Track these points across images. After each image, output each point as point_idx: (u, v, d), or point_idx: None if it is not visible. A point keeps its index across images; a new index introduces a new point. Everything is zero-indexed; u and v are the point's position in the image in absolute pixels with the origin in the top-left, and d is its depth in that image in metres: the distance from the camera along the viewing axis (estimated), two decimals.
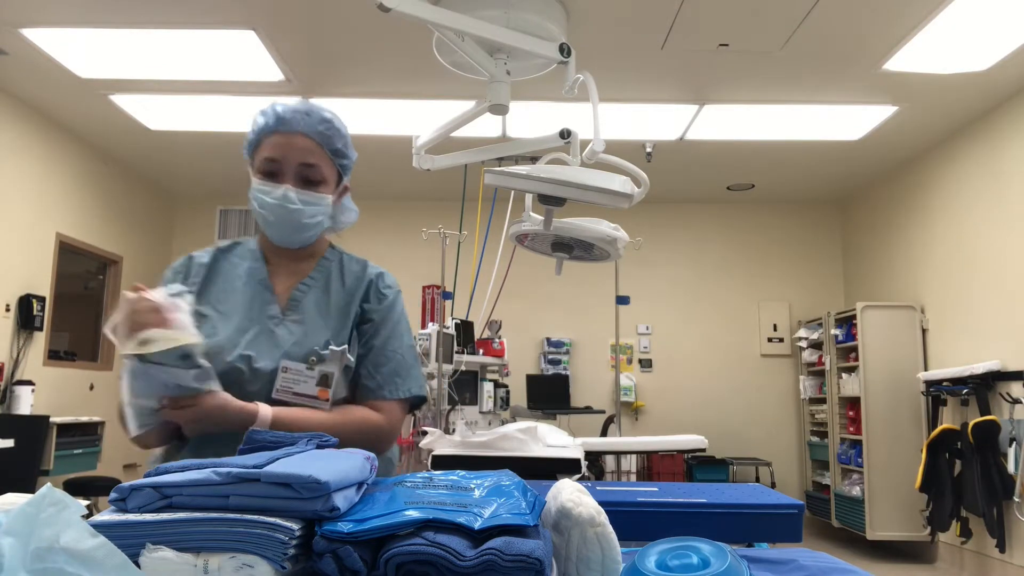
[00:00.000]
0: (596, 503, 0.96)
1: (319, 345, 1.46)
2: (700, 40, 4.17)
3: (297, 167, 1.48)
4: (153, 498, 0.83)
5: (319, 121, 1.50)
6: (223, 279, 1.54)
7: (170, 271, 1.55)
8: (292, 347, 1.46)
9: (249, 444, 1.07)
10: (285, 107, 1.50)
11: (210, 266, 1.55)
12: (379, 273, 1.62)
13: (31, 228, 5.33)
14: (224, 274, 1.55)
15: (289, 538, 0.80)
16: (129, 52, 4.36)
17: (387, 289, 1.59)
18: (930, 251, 5.85)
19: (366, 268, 1.62)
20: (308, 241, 1.55)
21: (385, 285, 1.59)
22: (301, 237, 1.53)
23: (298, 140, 1.48)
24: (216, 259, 1.57)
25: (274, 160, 1.48)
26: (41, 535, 0.73)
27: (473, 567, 0.79)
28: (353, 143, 1.61)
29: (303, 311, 1.51)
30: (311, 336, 1.48)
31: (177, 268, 1.55)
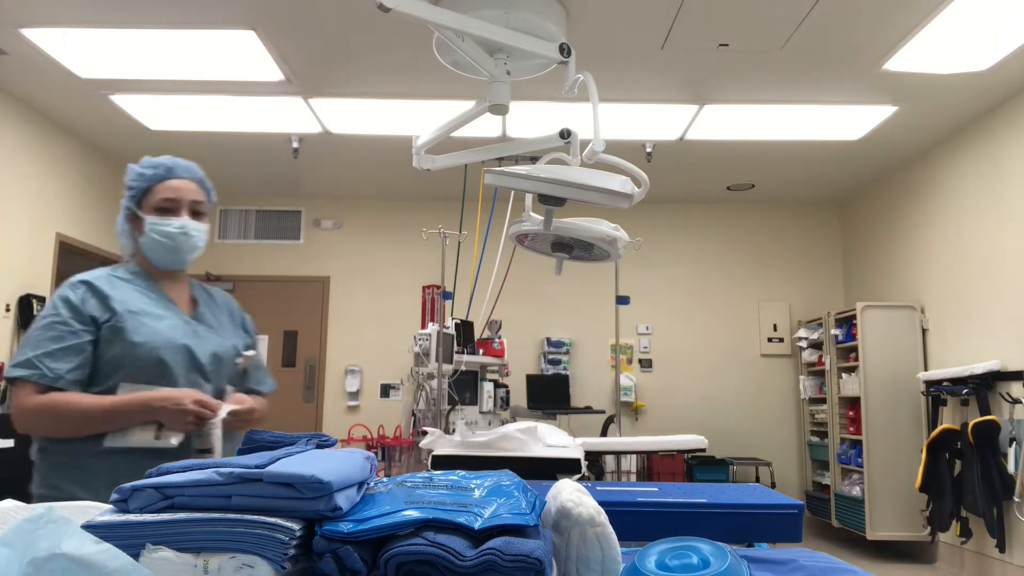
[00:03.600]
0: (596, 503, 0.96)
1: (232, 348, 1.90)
2: (700, 40, 4.17)
3: (190, 203, 1.88)
4: (155, 499, 0.83)
5: (196, 171, 1.94)
6: (129, 292, 1.83)
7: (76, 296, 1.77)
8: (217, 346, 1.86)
9: (248, 444, 1.08)
10: (170, 160, 1.91)
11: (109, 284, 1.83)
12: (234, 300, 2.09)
13: (31, 228, 5.33)
14: (126, 289, 1.84)
15: (289, 538, 0.80)
16: (129, 52, 4.36)
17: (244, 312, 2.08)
18: (930, 251, 5.85)
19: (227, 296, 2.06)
20: (188, 262, 1.93)
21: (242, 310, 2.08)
22: (188, 259, 1.90)
23: (188, 183, 1.90)
24: (111, 279, 1.85)
25: (172, 199, 1.86)
26: (39, 546, 0.73)
27: (473, 567, 0.79)
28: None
29: (207, 322, 1.91)
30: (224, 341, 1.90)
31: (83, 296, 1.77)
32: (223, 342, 1.89)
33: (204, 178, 1.96)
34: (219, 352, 1.86)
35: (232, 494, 0.83)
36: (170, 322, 1.82)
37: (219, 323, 1.95)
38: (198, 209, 1.90)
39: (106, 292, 1.80)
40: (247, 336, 2.03)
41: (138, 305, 1.80)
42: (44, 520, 0.75)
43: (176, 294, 1.92)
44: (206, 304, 1.96)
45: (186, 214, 1.87)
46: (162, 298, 1.87)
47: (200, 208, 1.91)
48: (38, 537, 0.73)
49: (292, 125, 5.45)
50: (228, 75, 4.66)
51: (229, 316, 2.01)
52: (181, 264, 1.91)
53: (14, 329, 5.13)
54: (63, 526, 0.75)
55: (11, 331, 5.11)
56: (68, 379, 1.69)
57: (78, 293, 1.78)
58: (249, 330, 2.05)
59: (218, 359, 1.85)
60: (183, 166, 1.92)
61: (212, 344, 1.86)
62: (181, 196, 1.87)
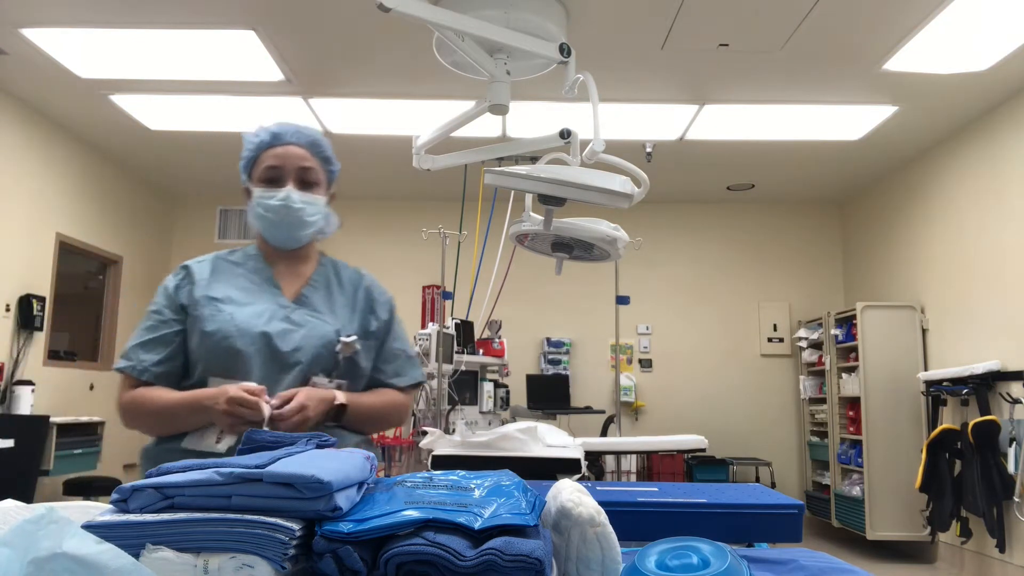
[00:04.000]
0: (596, 503, 0.96)
1: (332, 334, 1.64)
2: (700, 40, 4.17)
3: (296, 171, 1.66)
4: (155, 499, 0.84)
5: (308, 134, 1.72)
6: (227, 277, 1.68)
7: (172, 282, 1.67)
8: (309, 331, 1.62)
9: (248, 444, 1.08)
10: (277, 124, 1.70)
11: (212, 268, 1.70)
12: (372, 281, 1.82)
13: (31, 228, 5.33)
14: (227, 273, 1.69)
15: (289, 538, 0.80)
16: (129, 52, 4.36)
17: (383, 298, 1.79)
18: (930, 251, 5.85)
19: (361, 276, 1.80)
20: (305, 240, 1.71)
21: (381, 292, 1.80)
22: (300, 235, 1.69)
23: (294, 150, 1.67)
24: (216, 263, 1.71)
25: (275, 167, 1.65)
26: (40, 546, 0.73)
27: (473, 567, 0.79)
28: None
29: (312, 306, 1.68)
30: (324, 326, 1.65)
31: (179, 282, 1.67)
32: (320, 327, 1.64)
33: (318, 141, 1.72)
34: (310, 337, 1.62)
35: (232, 494, 0.83)
36: (256, 308, 1.62)
37: (329, 307, 1.70)
38: (307, 178, 1.67)
39: (198, 277, 1.66)
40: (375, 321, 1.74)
41: (224, 291, 1.64)
42: (45, 520, 0.75)
43: (290, 276, 1.71)
44: (322, 286, 1.73)
45: (292, 183, 1.65)
46: (264, 282, 1.68)
47: (310, 177, 1.67)
48: (39, 537, 0.73)
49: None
50: (228, 75, 4.66)
51: (350, 299, 1.74)
52: (292, 242, 1.69)
53: (14, 329, 5.13)
54: (64, 526, 0.75)
55: (11, 331, 5.11)
56: (154, 372, 1.59)
57: (176, 279, 1.67)
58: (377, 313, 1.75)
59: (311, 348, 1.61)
60: (291, 131, 1.69)
61: (303, 331, 1.62)
62: (285, 164, 1.66)
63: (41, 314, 5.29)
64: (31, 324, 5.19)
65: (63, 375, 5.68)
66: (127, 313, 6.51)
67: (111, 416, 5.96)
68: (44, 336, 5.41)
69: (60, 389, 5.60)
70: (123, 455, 6.44)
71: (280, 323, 1.62)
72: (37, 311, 5.23)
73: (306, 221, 1.67)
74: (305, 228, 1.68)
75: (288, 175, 1.65)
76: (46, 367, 5.45)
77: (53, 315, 5.53)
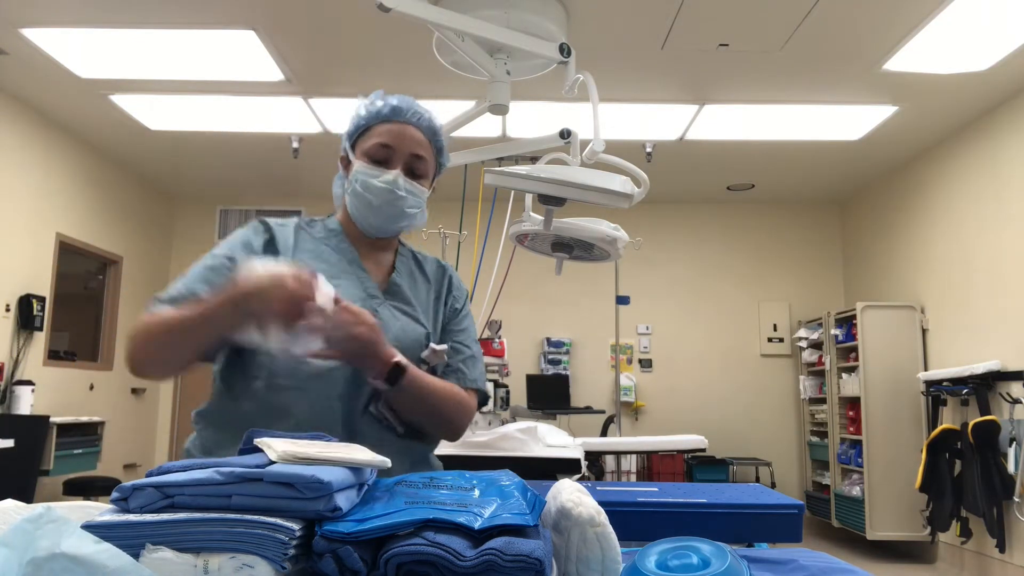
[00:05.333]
0: (596, 503, 0.96)
1: (423, 336, 1.47)
2: (700, 40, 4.17)
3: (408, 156, 1.48)
4: (155, 498, 0.83)
5: (429, 119, 1.52)
6: (310, 249, 1.49)
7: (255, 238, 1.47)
8: (399, 332, 1.43)
9: (248, 444, 1.07)
10: (400, 98, 1.50)
11: (295, 235, 1.50)
12: (452, 269, 1.63)
13: (31, 228, 5.33)
14: (309, 246, 1.49)
15: (289, 538, 0.80)
16: (129, 52, 4.36)
17: (459, 290, 1.61)
18: (930, 251, 5.85)
19: (443, 266, 1.62)
20: (399, 231, 1.54)
21: (458, 286, 1.61)
22: (396, 226, 1.51)
23: (412, 131, 1.49)
24: (298, 232, 1.52)
25: (388, 146, 1.47)
26: (39, 546, 0.72)
27: (473, 567, 0.79)
28: None
29: (403, 298, 1.50)
30: (415, 326, 1.47)
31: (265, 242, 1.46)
32: (412, 327, 1.46)
33: (437, 129, 1.53)
34: (401, 338, 1.41)
35: (232, 493, 0.83)
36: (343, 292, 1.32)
37: (418, 302, 1.52)
38: (417, 168, 1.48)
39: (281, 242, 1.46)
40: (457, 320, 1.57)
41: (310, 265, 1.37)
42: (44, 520, 0.75)
43: (372, 262, 1.52)
44: (408, 275, 1.55)
45: (400, 167, 1.46)
46: (350, 263, 1.48)
47: (420, 167, 1.49)
48: (38, 537, 0.73)
49: (292, 125, 5.45)
50: (228, 75, 4.66)
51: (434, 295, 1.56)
52: (384, 231, 1.51)
53: (14, 329, 5.13)
54: (63, 526, 0.75)
55: (11, 331, 5.11)
56: None
57: (259, 237, 1.46)
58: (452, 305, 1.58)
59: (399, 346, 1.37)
60: (412, 109, 1.49)
61: (395, 328, 1.42)
62: (399, 146, 1.47)
63: (41, 314, 5.29)
64: (31, 324, 5.19)
65: (63, 375, 5.68)
66: (127, 313, 6.51)
67: (111, 416, 5.96)
68: (44, 336, 5.41)
69: (60, 389, 5.60)
70: (123, 455, 6.44)
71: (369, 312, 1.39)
72: (37, 311, 5.23)
73: (406, 212, 1.48)
74: (403, 219, 1.49)
75: (399, 158, 1.47)
76: (46, 367, 5.45)
77: (53, 315, 5.53)
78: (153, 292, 1.40)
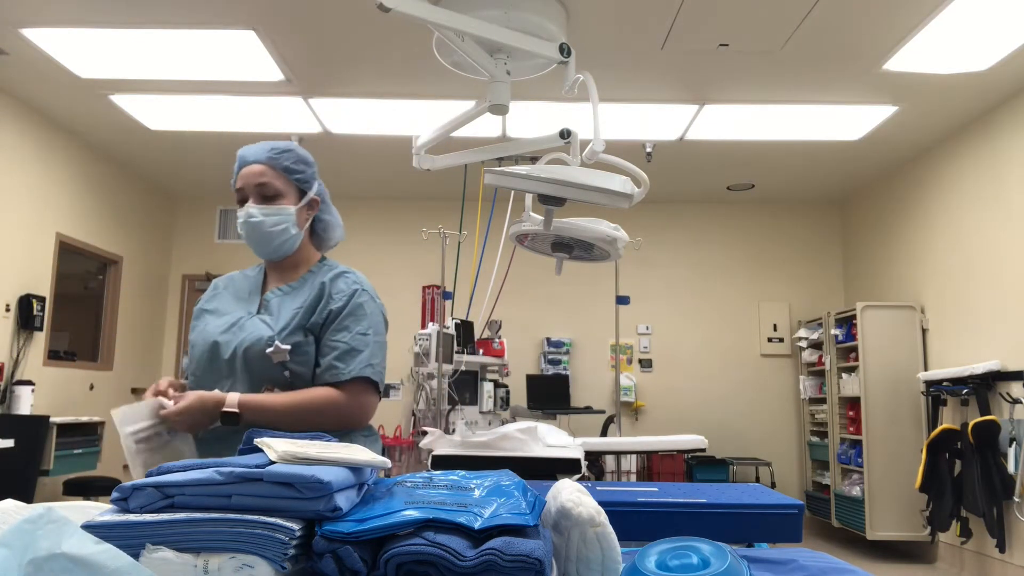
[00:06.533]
0: (596, 503, 0.96)
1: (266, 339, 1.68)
2: (700, 40, 4.17)
3: (254, 188, 1.76)
4: (155, 498, 0.84)
5: (268, 149, 1.78)
6: (234, 289, 1.85)
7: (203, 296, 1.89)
8: (248, 335, 1.70)
9: (249, 444, 1.07)
10: (247, 147, 1.81)
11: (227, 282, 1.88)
12: (338, 275, 1.80)
13: (31, 228, 5.32)
14: (234, 285, 1.86)
15: (289, 538, 0.80)
16: (129, 52, 4.36)
17: (338, 293, 1.76)
18: (930, 251, 5.85)
19: (330, 272, 1.81)
20: (282, 250, 1.79)
21: (337, 289, 1.76)
22: (273, 246, 1.77)
23: (253, 168, 1.77)
24: (234, 276, 1.90)
25: (240, 189, 1.78)
26: (39, 546, 0.72)
27: (473, 567, 0.79)
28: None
29: (268, 310, 1.75)
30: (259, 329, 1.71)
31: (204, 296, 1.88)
32: (255, 334, 1.69)
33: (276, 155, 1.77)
34: (250, 346, 1.67)
35: (232, 493, 0.83)
36: (226, 319, 1.76)
37: (283, 311, 1.74)
38: (265, 192, 1.75)
39: (209, 294, 1.87)
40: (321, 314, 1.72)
41: (217, 304, 1.81)
42: (44, 520, 0.75)
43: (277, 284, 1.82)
44: (294, 291, 1.78)
45: (253, 200, 1.75)
46: (252, 293, 1.82)
47: (267, 191, 1.75)
48: (38, 537, 0.73)
49: (292, 125, 5.45)
50: (228, 75, 4.66)
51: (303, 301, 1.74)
52: (271, 254, 1.79)
53: (14, 329, 5.13)
54: (63, 526, 0.75)
55: (11, 331, 5.11)
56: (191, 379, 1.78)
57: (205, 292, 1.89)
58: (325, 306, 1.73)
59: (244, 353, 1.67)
60: (254, 150, 1.79)
61: (243, 338, 1.69)
62: (246, 183, 1.76)
63: (41, 314, 5.29)
64: (31, 324, 5.19)
65: (63, 375, 5.68)
66: (127, 313, 6.51)
67: (111, 416, 5.96)
68: (44, 336, 5.41)
69: (60, 389, 5.60)
70: (123, 455, 6.44)
71: (231, 332, 1.72)
72: (37, 311, 5.23)
73: (270, 232, 1.75)
74: (273, 239, 1.76)
75: (249, 193, 1.76)
76: (46, 367, 5.45)
77: (53, 315, 5.53)
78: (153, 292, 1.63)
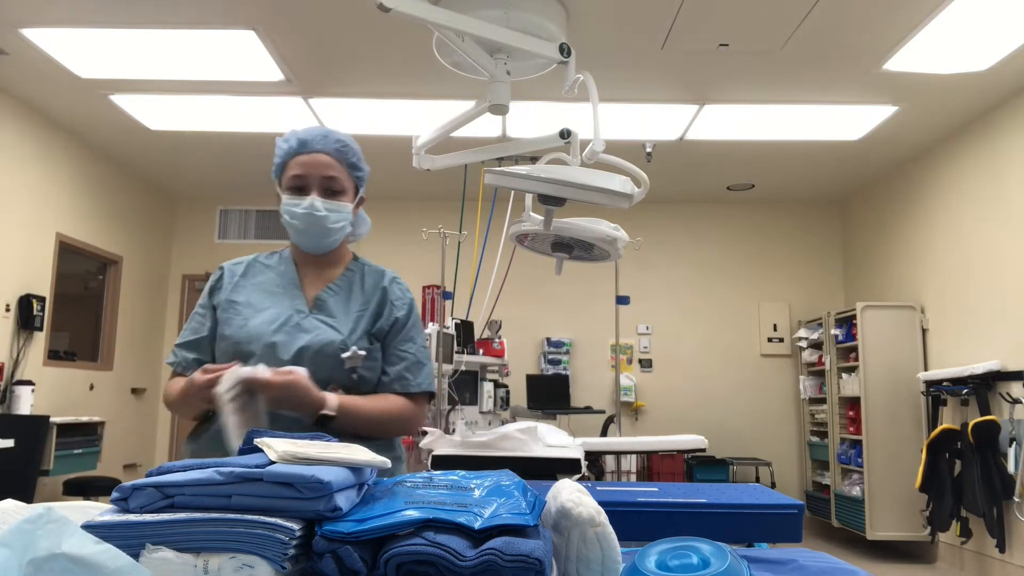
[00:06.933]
0: (596, 503, 0.96)
1: (338, 342, 1.63)
2: (700, 40, 4.17)
3: (320, 180, 1.69)
4: (155, 498, 0.84)
5: (335, 141, 1.72)
6: (257, 279, 1.74)
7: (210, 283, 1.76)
8: (313, 339, 1.63)
9: (249, 444, 1.07)
10: (305, 131, 1.72)
11: (245, 270, 1.76)
12: (393, 280, 1.79)
13: (31, 228, 5.32)
14: (258, 276, 1.75)
15: (289, 538, 0.80)
16: (129, 52, 4.36)
17: (399, 300, 1.76)
18: (930, 251, 5.85)
19: (383, 276, 1.79)
20: (332, 246, 1.74)
21: (397, 296, 1.76)
22: (326, 242, 1.72)
23: (319, 157, 1.69)
24: (251, 264, 1.78)
25: (300, 176, 1.68)
26: (39, 546, 0.72)
27: (473, 567, 0.79)
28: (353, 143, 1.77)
29: (327, 311, 1.69)
30: (331, 333, 1.65)
31: (214, 284, 1.75)
32: (327, 334, 1.63)
33: (345, 148, 1.72)
34: (313, 348, 1.62)
35: (232, 493, 0.83)
36: (270, 314, 1.66)
37: (345, 311, 1.70)
38: (331, 187, 1.69)
39: (227, 280, 1.73)
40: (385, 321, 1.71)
41: (247, 295, 1.69)
42: (44, 520, 0.75)
43: (316, 279, 1.74)
44: (344, 289, 1.73)
45: (316, 192, 1.67)
46: (289, 285, 1.72)
47: (334, 185, 1.69)
48: (38, 537, 0.73)
49: (292, 125, 5.40)
50: (228, 75, 4.66)
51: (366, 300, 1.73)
52: (319, 248, 1.72)
53: (14, 329, 5.13)
54: (63, 526, 0.75)
55: (11, 331, 5.11)
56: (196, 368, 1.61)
57: (213, 280, 1.75)
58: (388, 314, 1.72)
59: (312, 356, 1.61)
60: (317, 137, 1.70)
61: (307, 339, 1.62)
62: (310, 173, 1.68)
63: (41, 314, 5.29)
64: (31, 324, 5.19)
65: (63, 375, 5.68)
66: (127, 313, 6.51)
67: (111, 416, 5.96)
68: (44, 336, 5.41)
69: (60, 389, 5.60)
70: (123, 455, 6.44)
71: (288, 332, 1.64)
72: (37, 311, 5.23)
73: (330, 228, 1.69)
74: (330, 235, 1.70)
75: (313, 184, 1.68)
76: (46, 367, 5.45)
77: (53, 315, 5.53)
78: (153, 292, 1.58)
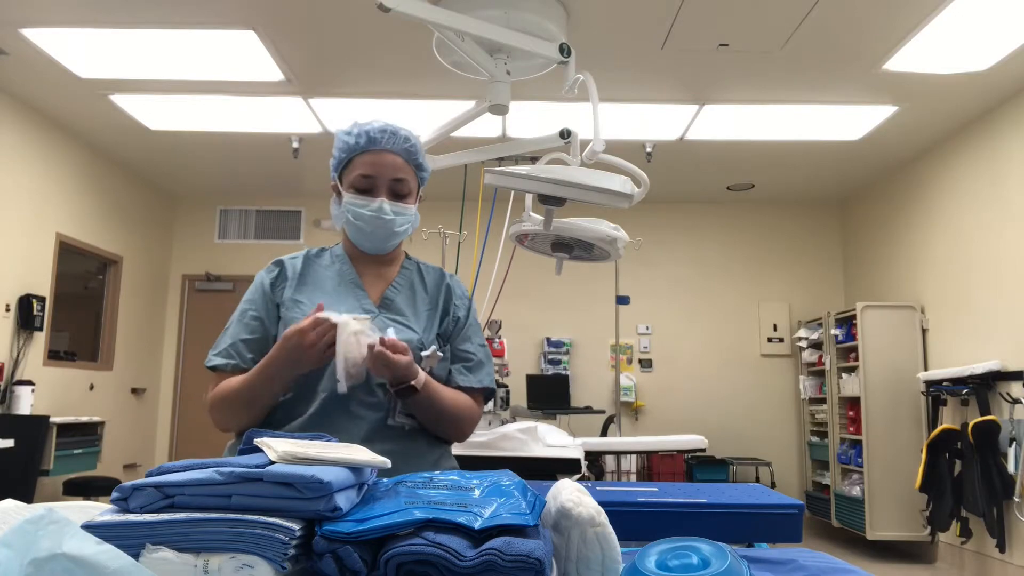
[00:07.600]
0: (596, 503, 0.96)
1: (415, 342, 1.58)
2: (700, 40, 4.17)
3: (389, 182, 1.62)
4: (155, 498, 0.84)
5: (403, 140, 1.64)
6: (314, 279, 1.67)
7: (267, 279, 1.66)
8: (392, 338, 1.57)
9: (248, 444, 1.07)
10: (373, 128, 1.63)
11: (303, 267, 1.68)
12: (452, 278, 1.77)
13: (31, 228, 5.32)
14: (314, 275, 1.67)
15: (289, 538, 0.80)
16: (129, 52, 4.36)
17: (460, 299, 1.73)
18: (930, 251, 5.85)
19: (444, 276, 1.76)
20: (393, 247, 1.70)
21: (458, 296, 1.74)
22: (389, 244, 1.67)
23: (388, 157, 1.62)
24: (306, 262, 1.69)
25: (368, 176, 1.61)
26: (40, 546, 0.72)
27: (473, 567, 0.79)
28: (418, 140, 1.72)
29: (396, 309, 1.64)
30: (407, 332, 1.59)
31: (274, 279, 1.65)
32: (403, 334, 1.56)
33: (413, 148, 1.65)
34: None
35: (232, 493, 0.83)
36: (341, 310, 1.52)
37: (413, 310, 1.65)
38: (400, 190, 1.62)
39: (290, 276, 1.65)
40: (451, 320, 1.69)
41: (310, 294, 1.61)
42: (44, 520, 0.75)
43: (374, 279, 1.68)
44: (406, 287, 1.69)
45: (384, 194, 1.61)
46: (350, 284, 1.65)
47: (403, 188, 1.63)
48: (39, 537, 0.73)
49: (292, 125, 5.45)
50: (228, 75, 4.66)
51: (432, 300, 1.69)
52: (381, 250, 1.67)
53: (14, 329, 5.13)
54: (64, 526, 0.75)
55: (11, 331, 5.11)
56: None
57: (271, 276, 1.65)
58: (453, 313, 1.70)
59: None
60: (387, 135, 1.62)
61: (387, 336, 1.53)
62: (379, 174, 1.61)
63: (41, 314, 5.29)
64: (31, 324, 5.19)
65: (63, 375, 5.68)
66: (127, 313, 6.51)
67: (111, 416, 5.96)
68: (44, 336, 5.41)
69: (60, 389, 5.60)
70: (123, 455, 6.44)
71: None
72: (37, 311, 5.23)
73: (397, 231, 1.64)
74: (395, 238, 1.66)
75: (381, 186, 1.61)
76: (46, 367, 5.45)
77: (53, 315, 5.53)
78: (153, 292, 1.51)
